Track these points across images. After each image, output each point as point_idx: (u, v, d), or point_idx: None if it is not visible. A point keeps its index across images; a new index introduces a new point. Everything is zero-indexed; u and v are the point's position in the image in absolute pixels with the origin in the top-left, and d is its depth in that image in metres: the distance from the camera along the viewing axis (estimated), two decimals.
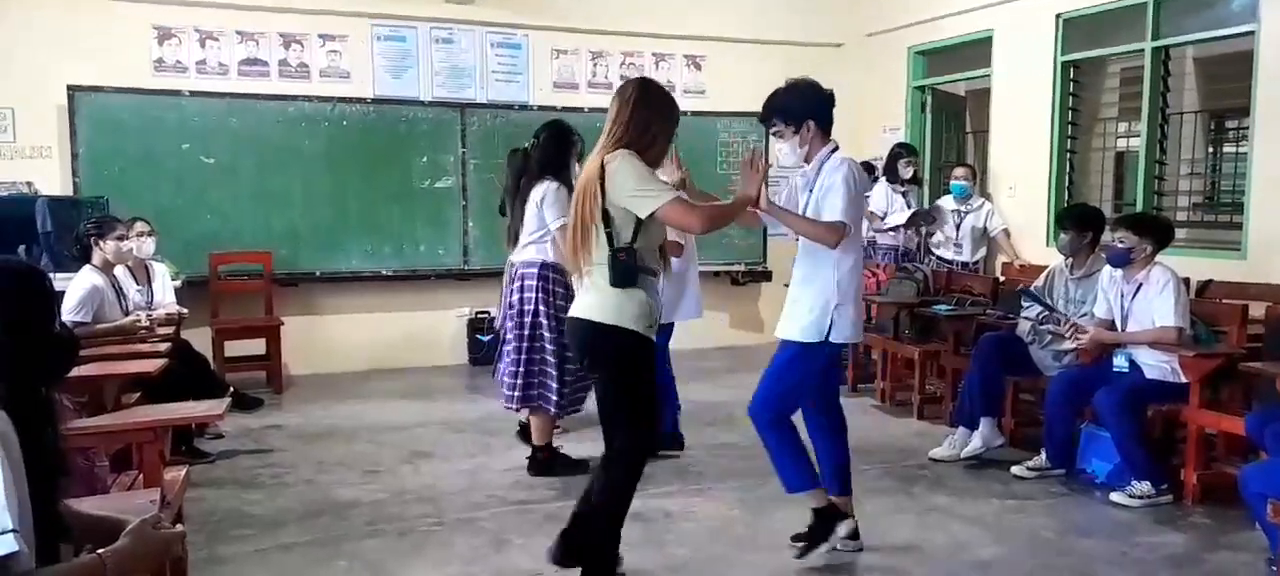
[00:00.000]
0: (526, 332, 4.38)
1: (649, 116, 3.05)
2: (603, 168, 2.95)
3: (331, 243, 7.00)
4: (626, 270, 2.95)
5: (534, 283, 4.36)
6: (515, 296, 4.41)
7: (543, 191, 4.29)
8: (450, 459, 4.84)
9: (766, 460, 3.45)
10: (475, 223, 7.21)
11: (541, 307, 4.35)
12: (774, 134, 3.43)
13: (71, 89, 6.28)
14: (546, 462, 4.49)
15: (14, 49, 6.27)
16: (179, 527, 1.91)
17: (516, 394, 4.42)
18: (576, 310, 3.09)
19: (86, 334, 4.37)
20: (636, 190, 2.93)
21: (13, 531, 1.49)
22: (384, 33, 7.18)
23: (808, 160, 3.39)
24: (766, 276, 8.01)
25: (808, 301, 3.31)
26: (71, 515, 1.83)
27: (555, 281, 4.37)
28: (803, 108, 3.36)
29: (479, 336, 7.27)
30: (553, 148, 4.35)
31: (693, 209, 3.08)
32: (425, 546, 3.67)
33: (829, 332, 3.28)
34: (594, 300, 3.02)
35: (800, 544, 3.44)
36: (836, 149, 3.39)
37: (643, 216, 2.94)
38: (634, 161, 2.96)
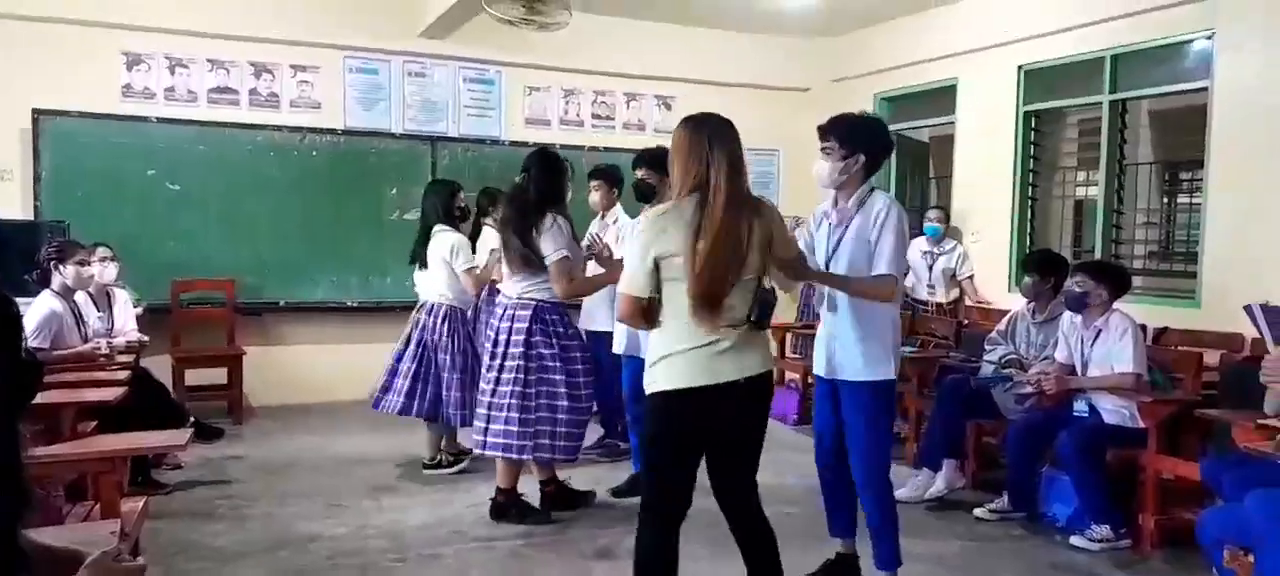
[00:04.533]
0: (530, 375, 4.18)
1: (741, 150, 2.82)
2: (771, 217, 2.79)
3: (297, 272, 6.94)
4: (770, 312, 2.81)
5: (527, 322, 4.18)
6: (503, 334, 4.22)
7: (544, 225, 4.11)
8: (414, 494, 4.79)
9: None
10: None
11: (545, 349, 4.20)
12: (823, 149, 3.32)
13: (36, 112, 6.20)
14: (506, 505, 4.35)
15: None
16: (139, 561, 1.87)
17: (527, 443, 4.20)
18: (753, 368, 2.73)
19: (44, 360, 4.27)
20: (790, 238, 2.91)
21: None
22: (356, 65, 7.18)
23: (839, 192, 3.34)
24: None
25: (872, 339, 3.28)
26: (29, 545, 1.78)
27: (555, 321, 4.25)
28: (862, 138, 3.30)
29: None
30: (546, 178, 4.20)
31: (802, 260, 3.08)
32: None
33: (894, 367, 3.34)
34: (762, 350, 2.80)
35: None
36: (874, 190, 3.33)
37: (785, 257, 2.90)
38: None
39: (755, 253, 2.69)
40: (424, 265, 5.15)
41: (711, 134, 2.72)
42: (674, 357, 2.70)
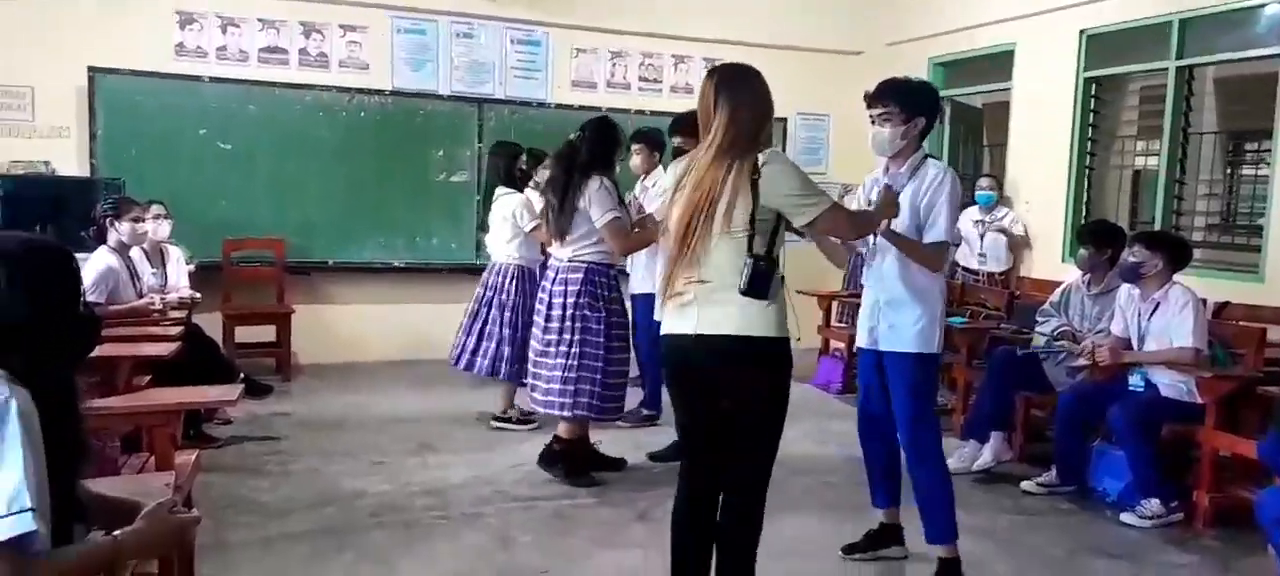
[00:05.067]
0: (576, 337, 4.27)
1: (758, 105, 2.72)
2: (756, 169, 2.61)
3: (345, 232, 7.00)
4: (765, 279, 2.60)
5: (579, 285, 4.27)
6: (556, 297, 4.32)
7: (588, 189, 4.16)
8: (457, 452, 4.83)
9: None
10: None
11: (589, 311, 4.27)
12: (881, 117, 3.22)
13: (92, 70, 6.29)
14: (557, 455, 4.40)
15: (36, 29, 6.28)
16: (194, 513, 1.91)
17: (567, 400, 4.28)
18: (709, 327, 2.65)
19: (101, 314, 4.37)
20: (801, 194, 2.67)
21: (32, 510, 1.48)
22: (405, 25, 7.18)
23: (892, 159, 3.27)
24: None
25: (917, 310, 3.22)
26: (87, 495, 1.82)
27: (604, 283, 4.33)
28: (920, 102, 3.24)
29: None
30: (600, 143, 4.25)
31: (848, 215, 2.91)
32: (431, 539, 3.66)
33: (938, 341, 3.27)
34: (732, 312, 2.63)
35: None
36: (928, 157, 3.28)
37: (801, 223, 2.70)
38: (793, 163, 2.74)
39: (724, 206, 2.60)
40: (487, 228, 5.30)
41: (718, 83, 2.71)
42: (663, 303, 2.78)
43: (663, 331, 2.79)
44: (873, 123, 3.26)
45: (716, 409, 2.73)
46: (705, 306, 2.66)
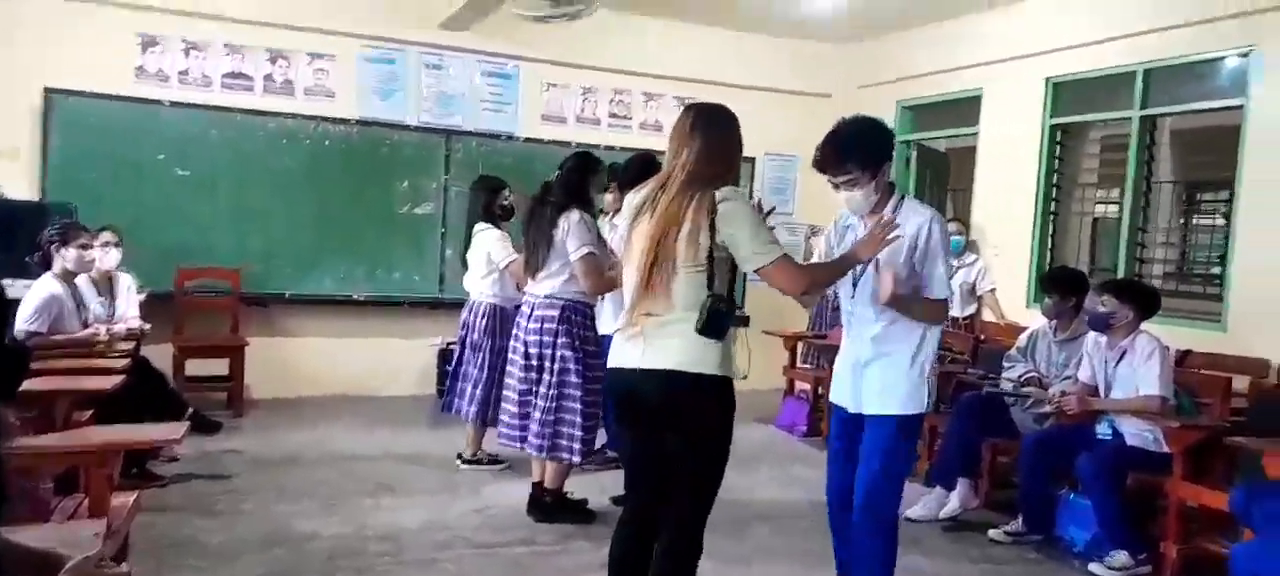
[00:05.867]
0: (554, 376, 4.21)
1: (732, 146, 2.75)
2: (714, 206, 2.59)
3: (304, 263, 6.85)
4: (723, 320, 2.58)
5: (555, 323, 4.21)
6: (531, 334, 4.26)
7: (567, 221, 4.12)
8: (414, 494, 4.69)
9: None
10: (453, 250, 7.06)
11: (568, 352, 4.20)
12: (845, 182, 3.01)
13: (48, 90, 6.13)
14: (552, 507, 4.33)
15: None
16: (123, 568, 1.78)
17: (545, 443, 4.22)
18: (654, 361, 2.64)
19: (41, 345, 4.20)
20: (750, 240, 2.61)
21: None
22: (373, 55, 7.09)
23: (871, 213, 3.06)
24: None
25: (905, 368, 3.01)
26: (4, 545, 1.69)
27: (579, 321, 4.26)
28: (878, 149, 3.04)
29: (449, 368, 7.13)
30: (578, 175, 4.24)
31: (799, 270, 2.78)
32: None
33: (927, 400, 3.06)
34: (679, 347, 2.61)
35: None
36: (903, 198, 3.10)
37: (748, 271, 2.65)
38: (749, 206, 2.70)
39: (684, 239, 2.59)
40: (468, 266, 5.22)
41: (697, 116, 2.74)
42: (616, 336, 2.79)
43: (609, 362, 2.79)
44: (837, 189, 3.06)
45: (660, 443, 2.72)
46: (653, 339, 2.65)
